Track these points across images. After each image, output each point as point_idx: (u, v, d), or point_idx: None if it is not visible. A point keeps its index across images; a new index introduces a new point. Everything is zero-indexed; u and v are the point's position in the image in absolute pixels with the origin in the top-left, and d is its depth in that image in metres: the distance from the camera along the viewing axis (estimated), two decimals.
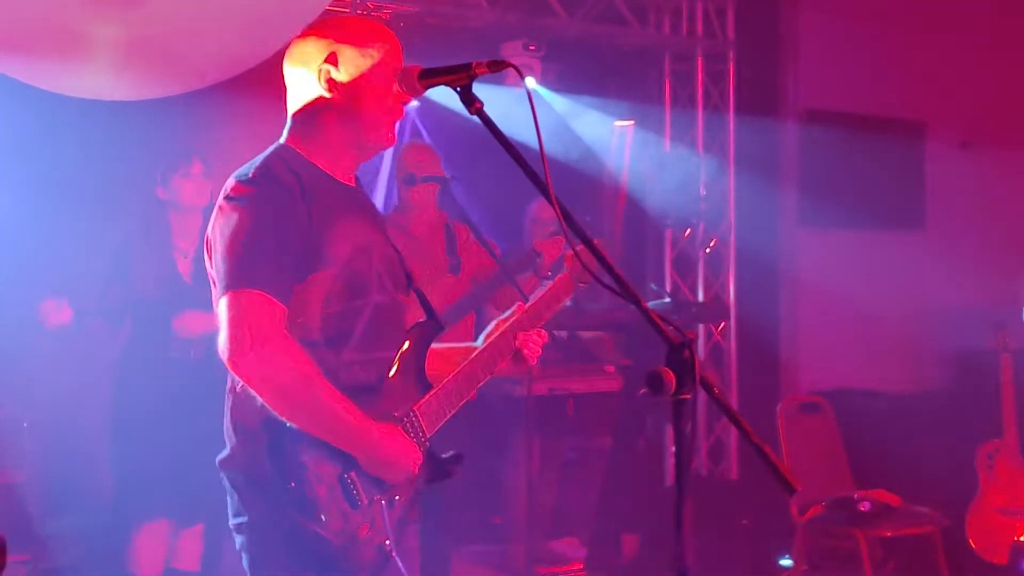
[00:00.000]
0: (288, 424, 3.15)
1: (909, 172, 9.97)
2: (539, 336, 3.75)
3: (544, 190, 2.77)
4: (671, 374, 2.56)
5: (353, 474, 3.24)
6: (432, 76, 3.04)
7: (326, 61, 3.34)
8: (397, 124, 3.45)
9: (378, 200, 8.01)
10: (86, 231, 6.52)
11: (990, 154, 9.80)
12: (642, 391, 2.56)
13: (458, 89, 2.97)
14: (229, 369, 3.14)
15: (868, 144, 9.42)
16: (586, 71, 8.75)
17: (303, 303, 3.25)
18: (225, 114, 6.68)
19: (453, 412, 3.54)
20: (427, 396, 3.48)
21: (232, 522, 3.35)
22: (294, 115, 3.43)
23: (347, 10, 7.34)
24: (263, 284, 3.13)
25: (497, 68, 2.93)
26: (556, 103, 8.49)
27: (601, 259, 2.76)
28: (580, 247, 2.98)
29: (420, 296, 3.61)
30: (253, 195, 3.21)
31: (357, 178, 3.55)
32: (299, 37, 3.45)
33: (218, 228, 3.23)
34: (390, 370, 3.44)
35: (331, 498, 3.19)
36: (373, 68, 3.35)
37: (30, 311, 6.15)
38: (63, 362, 6.52)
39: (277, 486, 3.17)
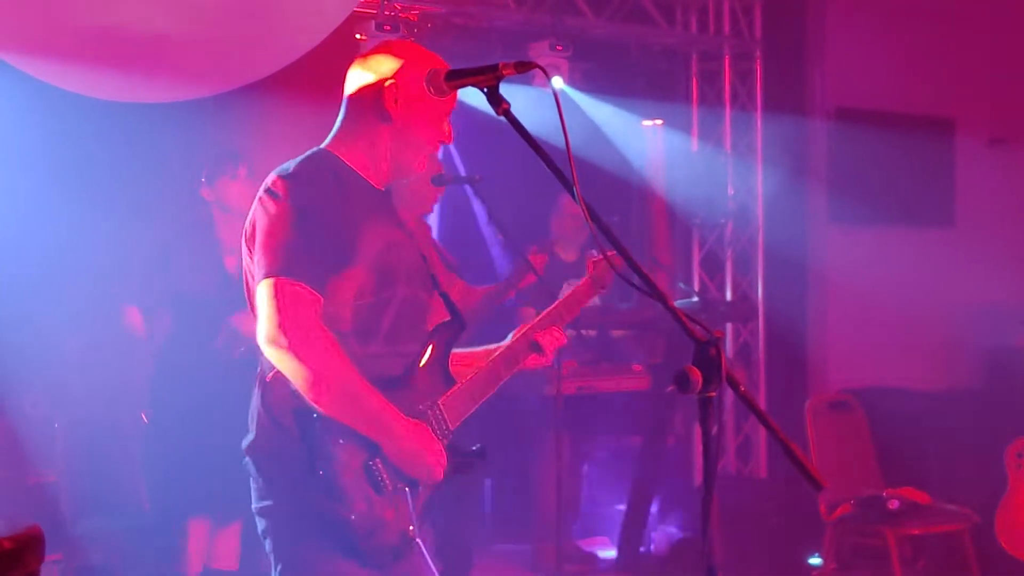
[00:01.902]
0: (316, 413, 3.26)
1: (938, 169, 9.94)
2: (557, 332, 3.87)
3: (571, 189, 2.79)
4: (698, 372, 2.58)
5: (378, 461, 3.34)
6: (459, 77, 3.07)
7: (394, 77, 3.45)
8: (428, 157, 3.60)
9: None
10: (123, 230, 6.56)
11: (1020, 151, 9.76)
12: (669, 389, 2.57)
13: (485, 90, 3.00)
14: (265, 353, 3.26)
15: (897, 141, 9.39)
16: (613, 71, 8.77)
17: (337, 294, 3.37)
18: (266, 116, 6.73)
19: (476, 406, 3.63)
20: (452, 390, 3.58)
21: (256, 506, 3.47)
22: (346, 119, 3.55)
23: (374, 10, 7.37)
24: (301, 274, 3.26)
25: (524, 69, 2.96)
26: (583, 103, 8.51)
27: (628, 259, 2.77)
28: (609, 253, 3.04)
29: (445, 297, 3.71)
30: (292, 189, 3.35)
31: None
32: (376, 48, 3.58)
33: (258, 219, 3.37)
34: (416, 363, 3.54)
35: (356, 484, 3.30)
36: (427, 103, 3.46)
37: (64, 311, 6.21)
38: (95, 362, 6.56)
39: (305, 472, 3.28)
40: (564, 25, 8.15)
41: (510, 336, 3.85)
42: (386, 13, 7.41)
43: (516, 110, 3.00)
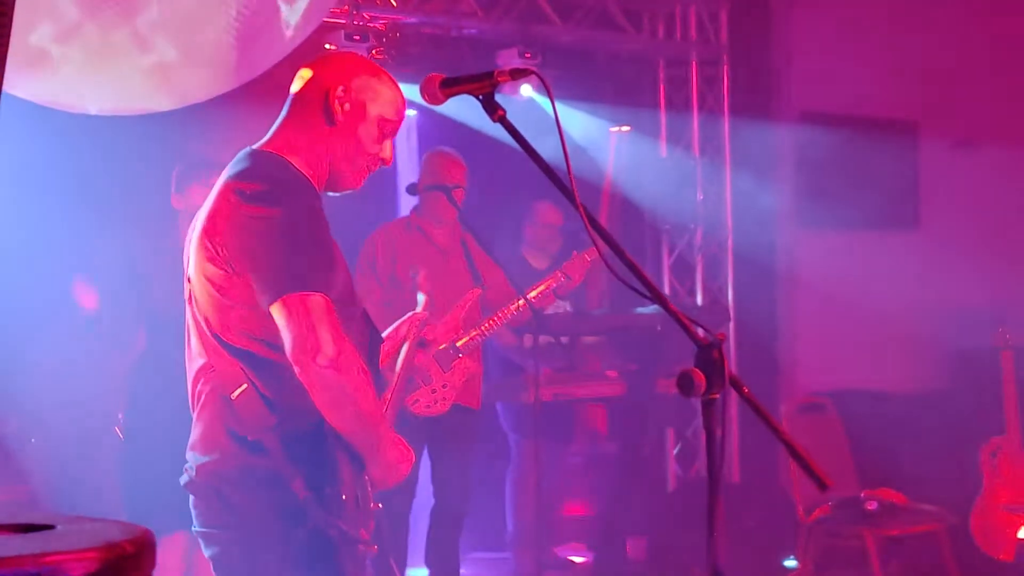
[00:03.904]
0: (306, 429, 3.20)
1: (903, 172, 9.99)
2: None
3: (570, 196, 2.81)
4: (701, 375, 2.58)
5: (367, 477, 3.34)
6: (454, 85, 3.05)
7: (342, 85, 3.42)
8: (366, 176, 3.54)
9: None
10: (91, 242, 6.50)
11: (983, 153, 9.82)
12: (672, 392, 2.59)
13: (480, 97, 2.99)
14: (307, 371, 3.13)
15: (862, 144, 9.44)
16: (581, 77, 8.77)
17: None
18: (236, 123, 6.68)
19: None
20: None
21: (203, 529, 3.38)
22: (289, 119, 3.49)
23: (343, 20, 7.36)
24: (321, 286, 3.19)
25: (519, 76, 2.96)
26: (551, 110, 8.48)
27: (629, 263, 2.78)
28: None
29: (363, 312, 3.63)
30: (285, 198, 3.29)
31: None
32: (324, 56, 3.61)
33: (252, 231, 3.25)
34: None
35: (350, 498, 3.27)
36: (377, 107, 3.45)
37: (39, 323, 6.15)
38: (69, 376, 6.50)
39: (298, 491, 3.22)
40: (532, 33, 8.17)
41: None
42: (355, 23, 7.41)
43: (481, 117, 3.00)
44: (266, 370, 3.26)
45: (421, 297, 4.50)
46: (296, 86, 3.50)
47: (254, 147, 3.46)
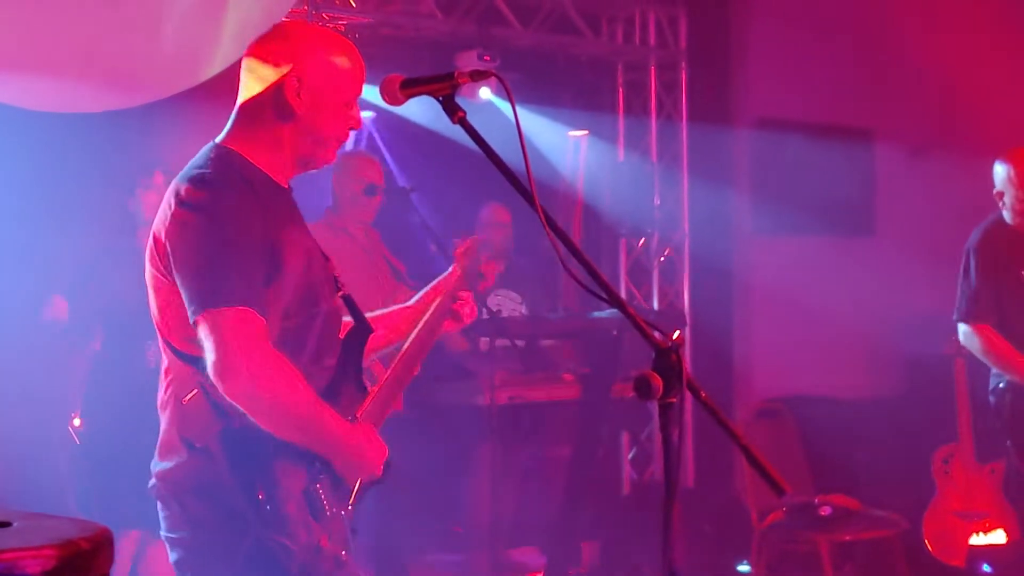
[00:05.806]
0: (252, 437, 3.11)
1: (859, 179, 10.05)
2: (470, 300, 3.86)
3: (529, 198, 2.81)
4: (658, 378, 2.57)
5: (319, 486, 3.23)
6: (414, 86, 3.02)
7: (293, 71, 3.27)
8: (339, 147, 3.43)
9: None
10: (54, 243, 6.46)
11: (937, 161, 9.88)
12: (630, 395, 2.58)
13: (440, 99, 2.96)
14: (222, 389, 3.06)
15: (818, 151, 9.48)
16: (540, 81, 8.77)
17: (265, 311, 3.15)
18: (186, 123, 6.63)
19: (386, 415, 3.57)
20: (366, 400, 3.46)
21: (166, 535, 3.30)
22: (242, 110, 3.35)
23: (302, 20, 7.34)
24: (242, 300, 3.06)
25: (479, 78, 2.94)
26: (510, 113, 8.47)
27: (587, 265, 2.78)
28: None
29: (348, 300, 3.53)
30: (212, 202, 3.15)
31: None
32: (270, 34, 3.39)
33: (179, 237, 3.15)
34: (335, 376, 3.39)
35: (299, 512, 3.18)
36: (336, 87, 3.31)
37: None
38: (23, 372, 6.46)
39: (240, 501, 3.13)
40: (491, 35, 8.16)
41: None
42: (313, 23, 7.38)
43: (439, 119, 2.99)
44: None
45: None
46: (246, 79, 3.33)
47: (215, 141, 3.32)
